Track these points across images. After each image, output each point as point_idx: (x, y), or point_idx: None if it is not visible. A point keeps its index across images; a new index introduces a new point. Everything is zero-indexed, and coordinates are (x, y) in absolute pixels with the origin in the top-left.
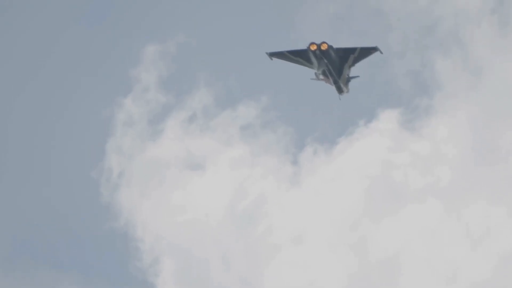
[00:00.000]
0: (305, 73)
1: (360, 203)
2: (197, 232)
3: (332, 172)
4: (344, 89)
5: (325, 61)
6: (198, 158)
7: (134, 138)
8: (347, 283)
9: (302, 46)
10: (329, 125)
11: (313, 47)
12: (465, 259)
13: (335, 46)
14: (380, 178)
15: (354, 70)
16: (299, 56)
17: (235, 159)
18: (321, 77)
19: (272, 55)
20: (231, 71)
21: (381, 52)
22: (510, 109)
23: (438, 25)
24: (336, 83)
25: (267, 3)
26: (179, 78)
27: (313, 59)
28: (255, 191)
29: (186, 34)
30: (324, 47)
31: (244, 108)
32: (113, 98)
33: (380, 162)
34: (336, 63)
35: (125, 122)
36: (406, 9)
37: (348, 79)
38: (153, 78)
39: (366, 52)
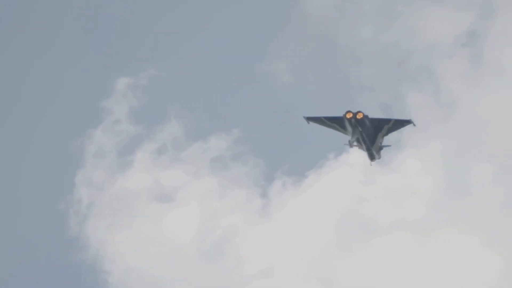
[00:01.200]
0: (277, 107)
1: (330, 237)
2: (166, 264)
3: (302, 205)
4: (376, 156)
5: (360, 129)
6: (167, 190)
7: (103, 169)
8: None
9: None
10: (298, 158)
11: (349, 115)
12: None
13: (370, 116)
14: (350, 211)
15: (386, 139)
16: (335, 122)
17: (204, 191)
18: (355, 143)
19: (309, 119)
20: (202, 104)
21: (414, 125)
22: (481, 143)
23: (410, 58)
24: (369, 150)
25: (238, 37)
26: (150, 110)
27: (348, 127)
28: (224, 223)
29: (158, 66)
30: (359, 116)
31: (215, 140)
32: (83, 129)
33: (350, 196)
34: (370, 132)
35: (95, 153)
36: (377, 42)
37: (381, 147)
38: (124, 109)
39: (400, 123)
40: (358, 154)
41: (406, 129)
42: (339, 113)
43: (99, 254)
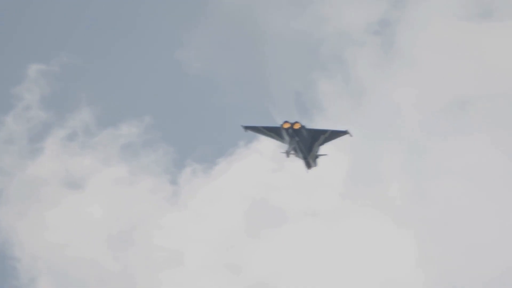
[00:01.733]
0: (188, 94)
1: (239, 224)
2: (75, 252)
3: (212, 193)
4: (312, 164)
5: (297, 139)
6: (78, 176)
7: (13, 156)
8: None
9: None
10: (209, 146)
11: (286, 126)
12: (344, 280)
13: (307, 126)
14: (260, 199)
15: (323, 148)
16: (272, 131)
17: (115, 178)
18: (292, 152)
19: (247, 128)
20: (114, 91)
21: (351, 135)
22: (392, 131)
23: (321, 46)
24: (305, 159)
25: (151, 24)
26: (61, 97)
27: (286, 136)
28: (134, 210)
29: (70, 53)
30: (296, 126)
31: (126, 127)
32: None
33: (260, 183)
34: (307, 142)
35: (5, 140)
36: (289, 29)
37: (317, 156)
38: (35, 96)
39: (336, 134)
40: (268, 143)
41: (316, 117)
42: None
43: (7, 241)
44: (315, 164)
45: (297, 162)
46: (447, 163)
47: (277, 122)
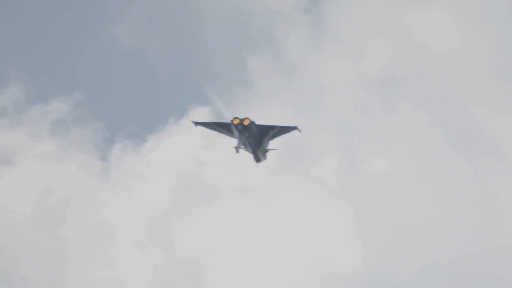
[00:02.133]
0: (119, 70)
1: (169, 200)
2: (5, 228)
3: (142, 169)
4: (262, 158)
5: (246, 134)
6: (7, 152)
7: None
8: (152, 280)
9: None
10: (139, 122)
11: (236, 122)
12: (275, 257)
13: (257, 122)
14: (190, 175)
15: (272, 143)
16: (222, 127)
17: (44, 154)
18: (242, 147)
19: (197, 123)
20: (44, 66)
21: (300, 131)
22: (321, 108)
23: (251, 23)
24: (254, 154)
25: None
26: None
27: (235, 132)
28: (63, 186)
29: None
30: (246, 122)
31: (56, 103)
32: None
33: (190, 160)
34: (256, 137)
35: None
36: (219, 6)
37: (266, 150)
38: None
39: (285, 129)
40: (198, 119)
41: (247, 93)
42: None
43: None
44: (265, 158)
45: (232, 142)
46: (377, 138)
47: (210, 98)
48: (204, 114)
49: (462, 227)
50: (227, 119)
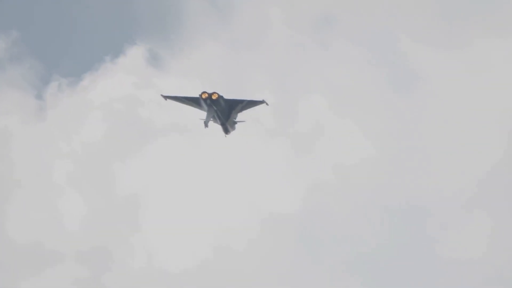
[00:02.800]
0: (55, 8)
1: (106, 139)
2: None
3: (77, 107)
4: (230, 129)
5: (215, 108)
6: None
7: None
8: (92, 218)
9: None
10: (75, 60)
11: (205, 96)
12: (212, 196)
13: (225, 97)
14: (126, 114)
15: (240, 115)
16: (191, 100)
17: None
18: (211, 119)
19: (167, 97)
20: None
21: (267, 104)
22: (258, 47)
23: None
24: (223, 125)
25: None
26: None
27: (204, 105)
28: None
29: None
30: (214, 96)
31: None
32: None
33: (126, 98)
34: (225, 110)
35: None
36: None
37: (235, 122)
38: None
39: (253, 103)
40: (134, 59)
41: (183, 33)
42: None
43: None
44: (233, 129)
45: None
46: (314, 77)
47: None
48: (139, 53)
49: (398, 165)
50: (165, 60)
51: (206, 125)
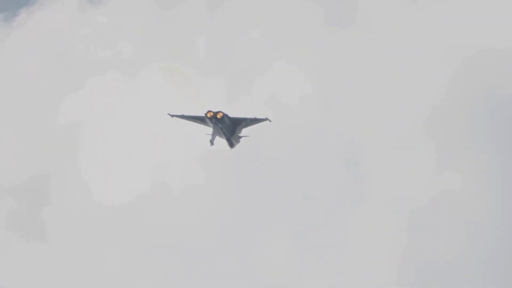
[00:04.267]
0: None
1: (43, 72)
2: None
3: (12, 43)
4: (235, 143)
5: (220, 126)
6: None
7: None
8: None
9: None
10: None
11: (210, 115)
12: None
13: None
14: (62, 50)
15: (245, 130)
16: (197, 119)
17: None
18: (217, 136)
19: (174, 116)
20: None
21: (270, 121)
22: None
23: None
24: (228, 140)
25: None
26: None
27: (210, 123)
28: None
29: None
30: (219, 115)
31: None
32: None
33: (61, 34)
34: (229, 127)
35: None
36: None
37: (240, 137)
38: None
39: (257, 120)
40: None
41: None
42: None
43: None
44: (238, 143)
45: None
46: (247, 17)
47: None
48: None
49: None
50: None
51: (212, 143)
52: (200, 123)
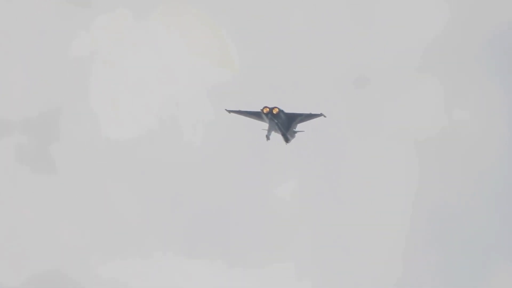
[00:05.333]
0: None
1: (54, 9)
2: None
3: None
4: (290, 138)
5: (276, 121)
6: None
7: None
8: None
9: None
10: None
11: (266, 111)
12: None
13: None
14: None
15: (300, 126)
16: (254, 114)
17: None
18: (272, 132)
19: (231, 111)
20: None
21: (325, 116)
22: None
23: None
24: (284, 136)
25: None
26: None
27: (266, 119)
28: None
29: None
30: (275, 111)
31: None
32: None
33: None
34: (285, 122)
35: None
36: None
37: (295, 132)
38: None
39: (311, 116)
40: None
41: None
42: None
43: None
44: (293, 137)
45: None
46: None
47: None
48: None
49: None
50: None
51: (268, 138)
52: (256, 119)
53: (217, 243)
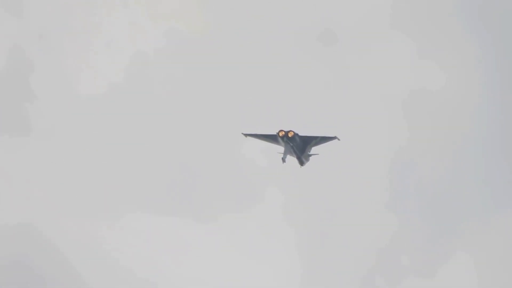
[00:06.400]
0: None
1: None
2: None
3: None
4: (305, 161)
5: (291, 144)
6: None
7: None
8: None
9: None
10: None
11: (281, 134)
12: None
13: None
14: None
15: (314, 149)
16: (270, 138)
17: None
18: (288, 155)
19: (247, 135)
20: None
21: (339, 139)
22: None
23: None
24: (299, 159)
25: None
26: None
27: (281, 142)
28: None
29: None
30: (290, 134)
31: None
32: None
33: None
34: (300, 145)
35: None
36: None
37: (310, 155)
38: None
39: (326, 139)
40: None
41: None
42: None
43: None
44: (308, 161)
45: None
46: None
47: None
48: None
49: None
50: None
51: (284, 160)
52: (272, 142)
53: (186, 200)
